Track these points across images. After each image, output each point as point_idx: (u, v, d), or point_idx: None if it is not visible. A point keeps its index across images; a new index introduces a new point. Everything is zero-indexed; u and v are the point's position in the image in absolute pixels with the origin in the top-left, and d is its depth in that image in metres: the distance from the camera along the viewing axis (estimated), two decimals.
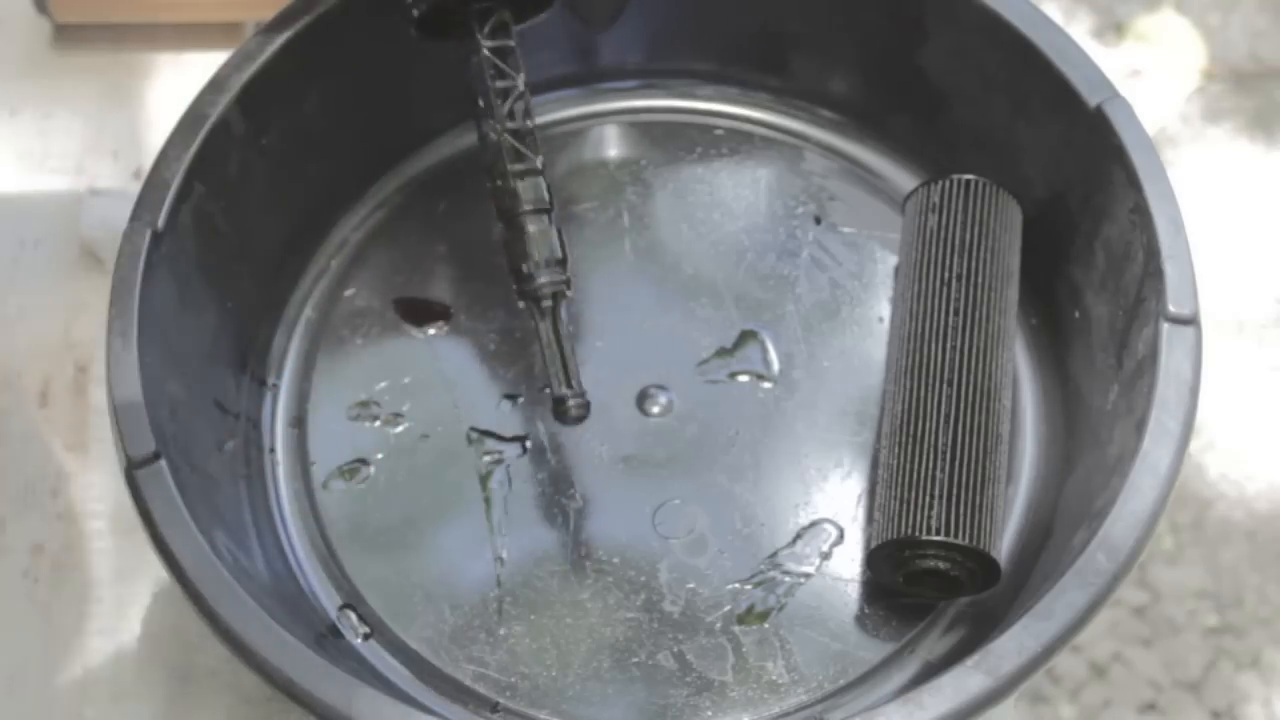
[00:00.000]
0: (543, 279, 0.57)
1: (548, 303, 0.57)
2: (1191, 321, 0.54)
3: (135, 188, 0.62)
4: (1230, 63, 1.39)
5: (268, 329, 0.63)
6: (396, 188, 0.67)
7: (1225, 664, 1.16)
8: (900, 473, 0.55)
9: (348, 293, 0.64)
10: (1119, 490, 0.51)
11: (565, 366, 0.57)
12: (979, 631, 0.55)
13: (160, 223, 0.56)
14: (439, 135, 0.68)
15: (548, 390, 0.58)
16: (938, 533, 0.53)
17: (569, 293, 0.57)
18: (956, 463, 0.54)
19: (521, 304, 0.58)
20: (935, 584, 0.55)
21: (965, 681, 0.47)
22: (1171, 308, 0.54)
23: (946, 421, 0.55)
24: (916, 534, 0.53)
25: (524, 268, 0.57)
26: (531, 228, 0.57)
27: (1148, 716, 1.15)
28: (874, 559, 0.55)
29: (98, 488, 0.64)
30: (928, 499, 0.54)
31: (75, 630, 0.61)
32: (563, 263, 0.57)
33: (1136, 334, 0.56)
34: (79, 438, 0.65)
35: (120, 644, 0.60)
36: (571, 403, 0.57)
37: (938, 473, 0.54)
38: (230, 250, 0.60)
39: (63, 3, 0.76)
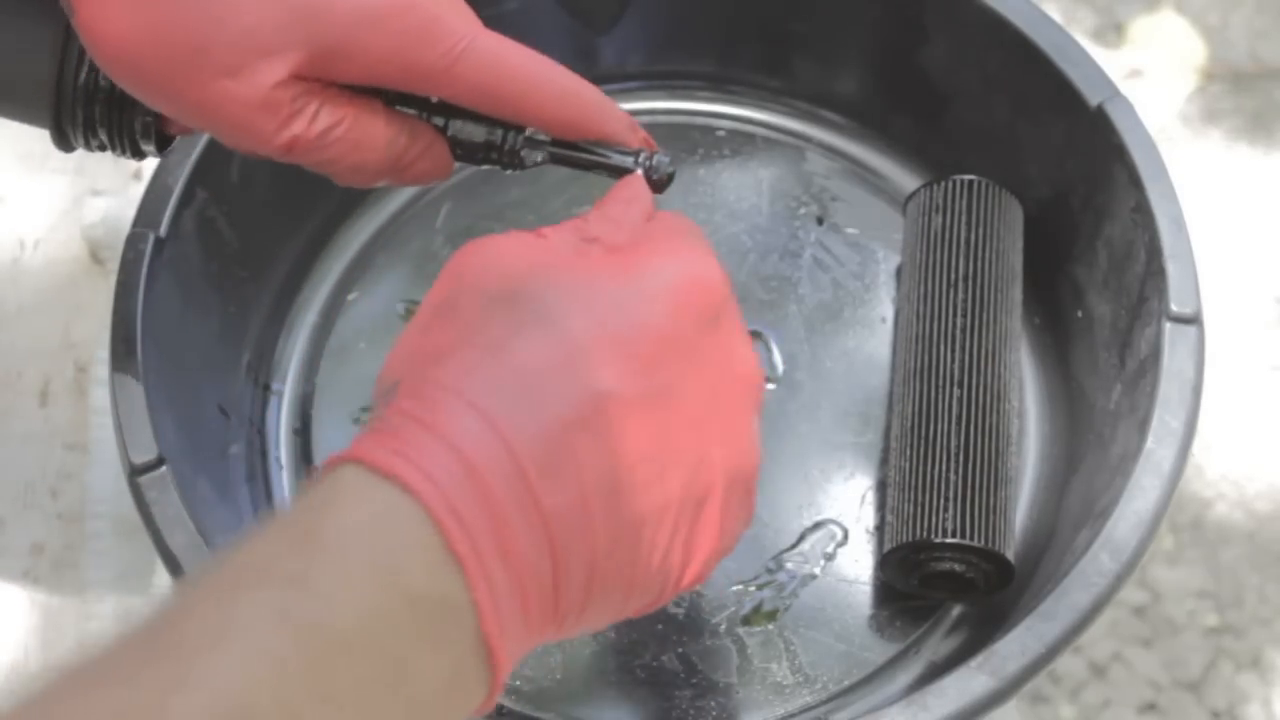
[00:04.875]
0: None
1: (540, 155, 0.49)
2: (1194, 320, 0.54)
3: (135, 189, 0.62)
4: (1230, 63, 1.39)
5: (271, 334, 0.63)
6: (399, 192, 0.67)
7: (1225, 664, 1.16)
8: (912, 475, 0.55)
9: (351, 297, 0.64)
10: (1122, 490, 0.51)
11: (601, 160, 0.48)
12: (983, 632, 0.55)
13: (163, 228, 0.56)
14: None
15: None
16: (953, 535, 0.53)
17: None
18: (969, 465, 0.54)
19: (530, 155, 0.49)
20: (949, 586, 0.55)
21: (969, 683, 0.47)
22: (1174, 307, 0.54)
23: (958, 424, 0.55)
24: (931, 537, 0.53)
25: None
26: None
27: (1148, 716, 1.15)
28: (888, 562, 0.55)
29: (98, 488, 0.64)
30: (941, 501, 0.54)
31: (75, 630, 0.61)
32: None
33: (1139, 333, 0.56)
34: (79, 438, 0.65)
35: None
36: (655, 160, 0.48)
37: (951, 475, 0.54)
38: (233, 255, 0.60)
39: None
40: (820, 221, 0.66)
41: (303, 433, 0.61)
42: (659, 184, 0.48)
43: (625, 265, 0.41)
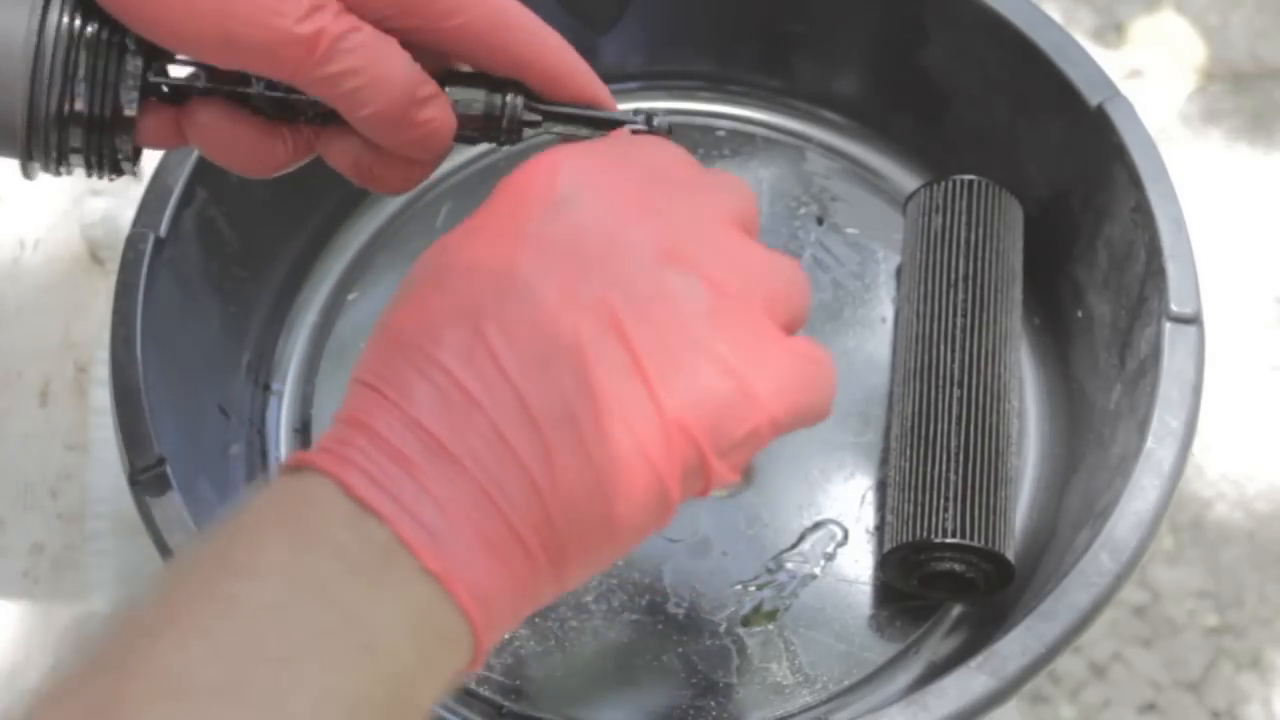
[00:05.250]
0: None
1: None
2: (1194, 320, 0.54)
3: (135, 189, 0.62)
4: (1230, 63, 1.39)
5: (271, 334, 0.63)
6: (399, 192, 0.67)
7: (1225, 664, 1.16)
8: (913, 475, 0.55)
9: (351, 297, 0.64)
10: (1122, 490, 0.51)
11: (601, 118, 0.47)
12: (983, 632, 0.55)
13: (163, 228, 0.56)
14: None
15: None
16: (953, 535, 0.53)
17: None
18: (969, 465, 0.54)
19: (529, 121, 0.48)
20: (949, 586, 0.55)
21: (969, 683, 0.47)
22: (1174, 307, 0.54)
23: (958, 424, 0.55)
24: (931, 537, 0.53)
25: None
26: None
27: (1148, 716, 1.15)
28: (888, 562, 0.55)
29: (98, 488, 0.64)
30: (942, 501, 0.54)
31: (75, 630, 0.61)
32: None
33: (1139, 333, 0.56)
34: (79, 438, 0.65)
35: None
36: (658, 121, 0.48)
37: (951, 475, 0.54)
38: (233, 255, 0.60)
39: None
40: (820, 221, 0.66)
41: (303, 433, 0.61)
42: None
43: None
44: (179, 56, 0.45)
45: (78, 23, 0.43)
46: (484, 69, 0.47)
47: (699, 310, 0.39)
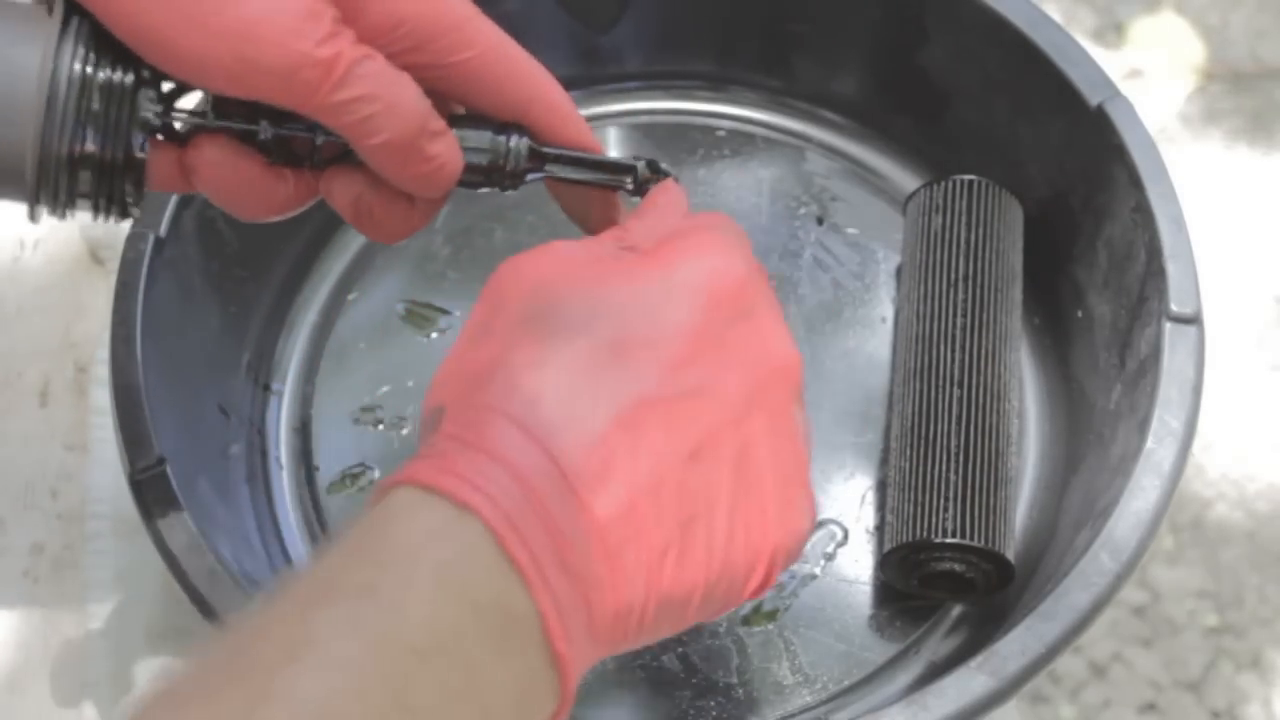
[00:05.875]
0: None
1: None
2: (1194, 320, 0.54)
3: None
4: (1230, 63, 1.39)
5: (271, 334, 0.63)
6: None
7: (1225, 664, 1.16)
8: (912, 475, 0.55)
9: (351, 297, 0.64)
10: (1122, 490, 0.51)
11: (604, 162, 0.48)
12: (983, 632, 0.55)
13: (163, 228, 0.56)
14: None
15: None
16: (953, 535, 0.53)
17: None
18: (969, 465, 0.54)
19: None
20: (949, 586, 0.55)
21: (969, 683, 0.47)
22: (1174, 307, 0.54)
23: (958, 424, 0.55)
24: (931, 537, 0.53)
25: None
26: None
27: (1148, 716, 1.15)
28: (888, 562, 0.55)
29: (98, 488, 0.64)
30: (942, 501, 0.54)
31: (75, 630, 0.61)
32: None
33: (1139, 333, 0.56)
34: (79, 438, 0.65)
35: (120, 644, 0.60)
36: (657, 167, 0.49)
37: (951, 475, 0.54)
38: (233, 255, 0.60)
39: None
40: (820, 221, 0.66)
41: (303, 433, 0.61)
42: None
43: (652, 266, 0.41)
44: (181, 100, 0.44)
45: (90, 65, 0.42)
46: (487, 109, 0.46)
47: (803, 456, 0.43)
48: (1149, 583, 1.19)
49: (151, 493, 0.51)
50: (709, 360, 0.40)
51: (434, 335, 0.63)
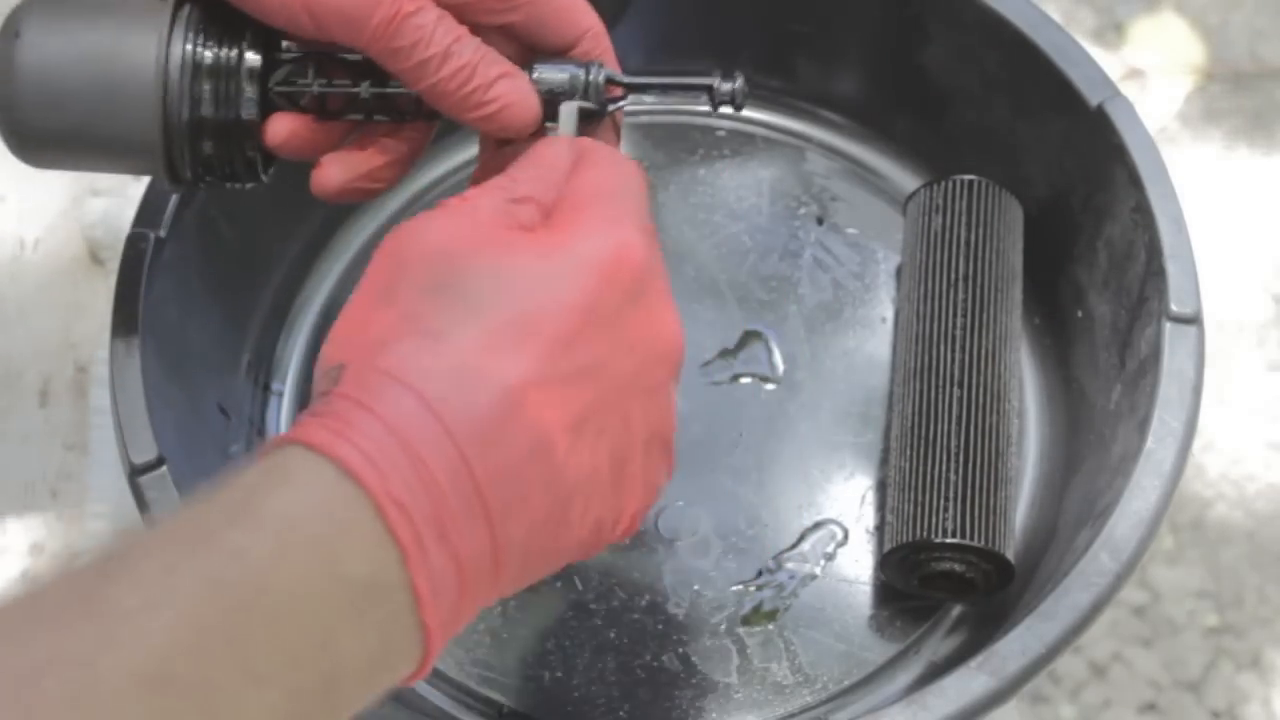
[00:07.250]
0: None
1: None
2: (1194, 320, 0.54)
3: (135, 189, 0.62)
4: (1230, 63, 1.39)
5: (271, 334, 0.63)
6: (399, 192, 0.67)
7: (1225, 664, 1.16)
8: (912, 475, 0.55)
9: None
10: (1122, 490, 0.51)
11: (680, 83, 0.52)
12: (983, 632, 0.55)
13: (163, 228, 0.56)
14: (444, 139, 0.68)
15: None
16: (953, 535, 0.53)
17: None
18: (969, 465, 0.54)
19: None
20: (949, 586, 0.55)
21: (969, 683, 0.47)
22: (1174, 307, 0.54)
23: (958, 424, 0.55)
24: (931, 537, 0.53)
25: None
26: None
27: (1148, 716, 1.15)
28: (888, 562, 0.55)
29: (98, 488, 0.64)
30: (942, 502, 0.54)
31: None
32: None
33: (1139, 333, 0.56)
34: (79, 438, 0.65)
35: None
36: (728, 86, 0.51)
37: (951, 475, 0.54)
38: (234, 255, 0.60)
39: None
40: (820, 221, 0.66)
41: None
42: (738, 101, 0.51)
43: (549, 243, 0.42)
44: (283, 71, 0.48)
45: (199, 45, 0.47)
46: (550, 48, 0.49)
47: (670, 424, 0.45)
48: (1149, 583, 1.19)
49: (151, 493, 0.51)
50: (601, 340, 0.41)
51: None
